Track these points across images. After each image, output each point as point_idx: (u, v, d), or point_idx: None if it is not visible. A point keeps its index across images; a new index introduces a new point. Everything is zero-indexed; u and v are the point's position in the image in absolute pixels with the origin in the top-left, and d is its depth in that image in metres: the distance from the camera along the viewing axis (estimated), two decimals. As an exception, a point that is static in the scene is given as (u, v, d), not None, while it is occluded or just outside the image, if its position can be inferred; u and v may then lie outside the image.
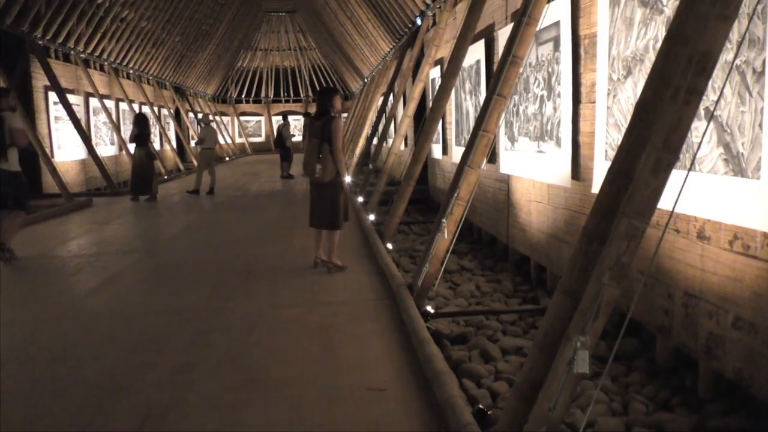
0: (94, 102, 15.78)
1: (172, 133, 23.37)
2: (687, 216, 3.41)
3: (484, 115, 4.57)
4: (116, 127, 16.77)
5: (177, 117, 24.61)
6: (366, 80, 24.30)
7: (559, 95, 5.13)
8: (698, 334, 3.31)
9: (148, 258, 6.97)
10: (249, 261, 6.49)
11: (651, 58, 3.71)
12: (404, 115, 9.18)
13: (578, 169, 4.91)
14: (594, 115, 4.54)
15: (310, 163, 5.61)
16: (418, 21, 11.98)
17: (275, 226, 8.97)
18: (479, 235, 8.24)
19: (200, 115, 25.38)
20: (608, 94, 4.24)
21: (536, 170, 5.75)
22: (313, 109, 6.50)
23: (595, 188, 4.46)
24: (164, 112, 22.90)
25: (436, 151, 10.60)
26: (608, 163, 4.32)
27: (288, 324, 4.33)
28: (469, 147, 4.63)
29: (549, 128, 5.37)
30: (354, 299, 4.89)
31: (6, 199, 6.57)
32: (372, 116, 16.72)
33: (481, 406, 2.89)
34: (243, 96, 36.15)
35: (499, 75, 4.53)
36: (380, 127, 14.92)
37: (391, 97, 14.33)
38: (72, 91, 14.64)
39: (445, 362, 3.26)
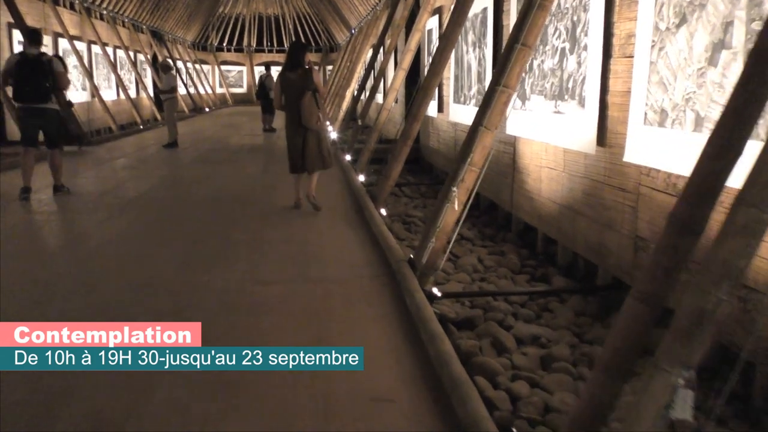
0: (63, 43, 14.72)
1: (148, 81, 22.26)
2: None
3: (503, 67, 3.94)
4: (88, 72, 15.72)
5: (154, 63, 23.42)
6: (353, 31, 23.27)
7: (585, 48, 4.50)
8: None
9: (115, 217, 6.30)
10: (228, 224, 5.87)
11: (715, 2, 3.09)
12: (399, 68, 8.48)
13: (605, 133, 4.32)
14: (630, 72, 3.94)
15: (313, 113, 6.03)
16: (415, -34, 11.13)
17: (256, 185, 8.31)
18: (477, 200, 7.67)
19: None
20: (652, 46, 3.62)
21: (551, 133, 5.15)
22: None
23: (629, 156, 3.89)
24: (140, 57, 21.73)
25: (431, 108, 9.92)
26: (649, 128, 3.75)
27: (272, 305, 3.75)
28: (485, 105, 4.00)
29: (570, 86, 4.75)
30: (348, 276, 4.30)
31: (50, 137, 7.09)
32: (360, 70, 15.90)
33: (514, 430, 2.34)
34: (224, 44, 34.72)
35: (523, 20, 3.88)
36: (369, 82, 14.15)
37: (381, 50, 13.52)
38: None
39: (462, 368, 2.69)
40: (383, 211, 6.15)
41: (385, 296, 3.85)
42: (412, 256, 4.34)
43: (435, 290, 3.84)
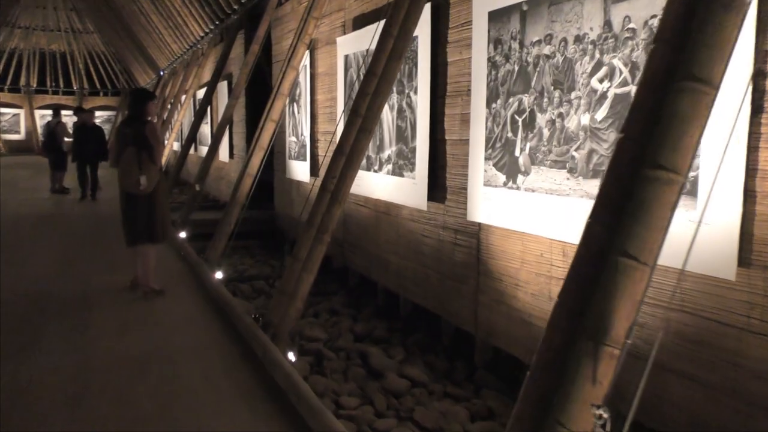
0: None
1: None
2: None
3: (660, 138, 1.88)
4: None
5: None
6: (162, 73, 20.13)
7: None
8: None
9: None
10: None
11: None
12: (268, 119, 6.11)
13: (749, 244, 2.45)
14: None
15: (131, 174, 4.92)
16: (264, -8, 8.90)
17: (46, 307, 4.89)
18: (401, 309, 5.45)
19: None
20: None
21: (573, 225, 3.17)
22: (89, 104, 5.04)
23: None
24: None
25: (299, 170, 7.63)
26: None
27: None
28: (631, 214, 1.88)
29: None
30: None
31: None
32: (181, 119, 13.06)
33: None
34: (-6, 83, 28.97)
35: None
36: (199, 135, 11.42)
37: (222, 94, 10.94)
38: None
39: None
40: (292, 356, 3.68)
41: None
42: None
43: None
